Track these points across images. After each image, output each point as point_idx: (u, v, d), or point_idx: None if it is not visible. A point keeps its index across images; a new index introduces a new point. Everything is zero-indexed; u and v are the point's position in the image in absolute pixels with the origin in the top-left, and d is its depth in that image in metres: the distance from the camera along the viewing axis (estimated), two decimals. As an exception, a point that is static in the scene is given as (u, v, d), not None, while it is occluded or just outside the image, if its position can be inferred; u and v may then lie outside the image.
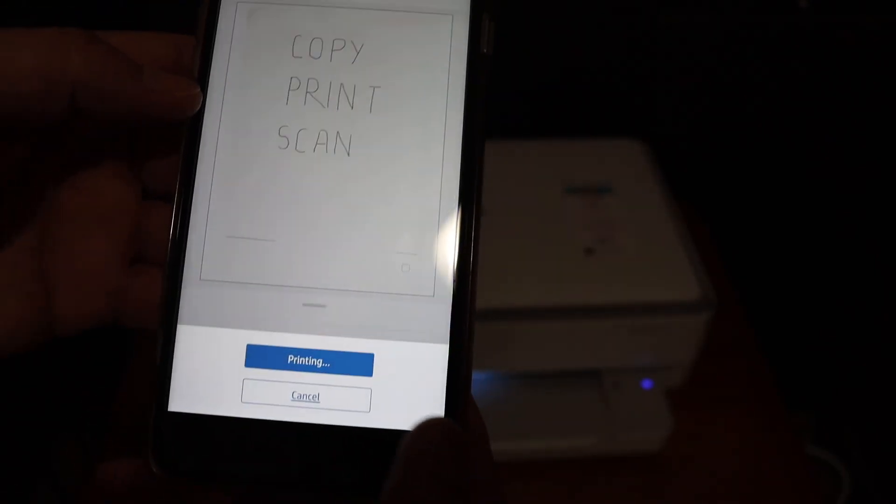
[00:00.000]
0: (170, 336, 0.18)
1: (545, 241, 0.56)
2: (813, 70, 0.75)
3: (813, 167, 0.84)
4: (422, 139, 0.20)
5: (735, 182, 0.85)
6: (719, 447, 0.57)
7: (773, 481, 0.55)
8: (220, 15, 0.20)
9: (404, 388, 0.18)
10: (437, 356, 0.18)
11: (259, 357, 0.18)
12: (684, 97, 0.78)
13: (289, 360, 0.18)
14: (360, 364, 0.18)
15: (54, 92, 0.17)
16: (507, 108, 0.78)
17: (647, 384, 0.56)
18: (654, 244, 0.56)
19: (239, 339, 0.18)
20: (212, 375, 0.18)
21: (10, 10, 0.62)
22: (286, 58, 0.20)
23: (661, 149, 0.68)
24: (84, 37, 0.18)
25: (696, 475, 0.55)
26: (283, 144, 0.19)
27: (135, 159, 0.21)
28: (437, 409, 0.18)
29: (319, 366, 0.18)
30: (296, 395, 0.18)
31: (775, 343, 0.78)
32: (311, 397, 0.18)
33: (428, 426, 0.16)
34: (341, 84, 0.20)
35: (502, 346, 0.53)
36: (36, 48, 0.17)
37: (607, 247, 0.56)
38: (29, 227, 0.19)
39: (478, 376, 0.58)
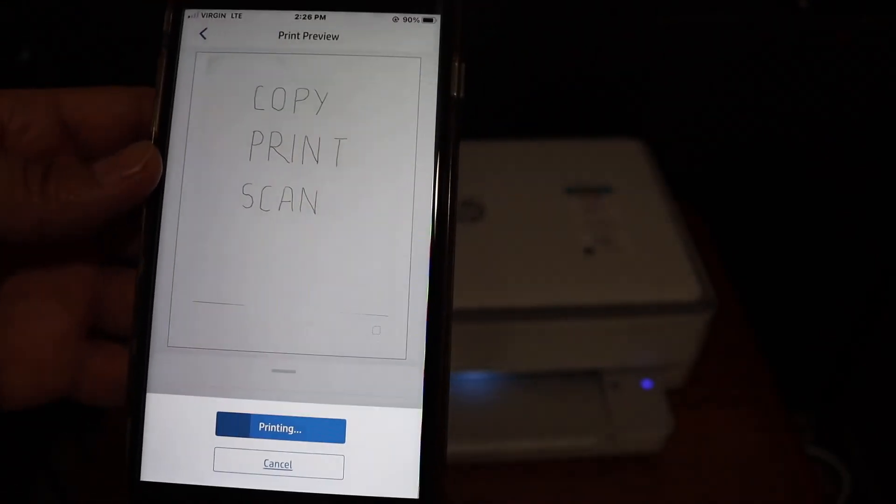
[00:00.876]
0: (139, 404, 0.18)
1: (545, 241, 0.56)
2: (813, 70, 0.75)
3: (813, 167, 0.84)
4: (391, 193, 0.18)
5: (735, 182, 0.85)
6: (719, 447, 0.57)
7: (773, 481, 0.55)
8: (179, 65, 0.19)
9: (378, 454, 0.18)
10: (410, 421, 0.18)
11: (230, 425, 0.18)
12: (684, 97, 0.78)
13: (260, 427, 0.18)
14: (332, 431, 0.18)
15: None
16: (507, 109, 0.78)
17: (647, 384, 0.56)
18: (653, 244, 0.56)
19: (209, 407, 0.18)
20: (183, 444, 0.18)
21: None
22: (248, 110, 0.19)
23: (661, 149, 0.68)
24: None
25: (696, 475, 0.55)
26: (248, 203, 0.18)
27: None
28: (412, 475, 0.18)
29: (291, 433, 0.18)
30: (268, 463, 0.18)
31: (775, 343, 0.78)
32: (283, 465, 0.18)
33: None
34: (305, 137, 0.18)
35: (502, 346, 0.53)
36: None
37: (607, 247, 0.56)
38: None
39: (478, 377, 0.58)
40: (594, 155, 0.66)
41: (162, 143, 0.18)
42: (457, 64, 0.19)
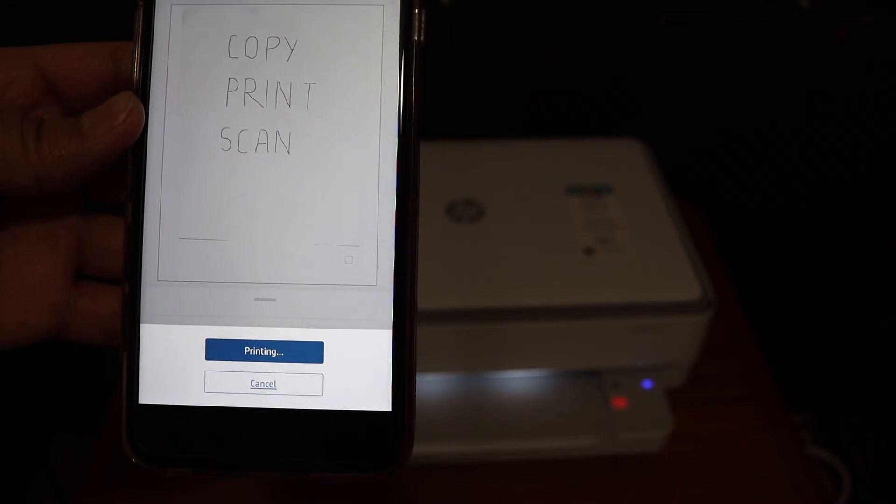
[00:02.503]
0: (134, 335, 0.20)
1: (545, 241, 0.56)
2: (813, 69, 0.75)
3: (813, 167, 0.84)
4: (358, 133, 0.20)
5: (735, 182, 0.85)
6: (719, 447, 0.57)
7: (773, 481, 0.55)
8: (155, 18, 0.20)
9: (354, 371, 0.19)
10: (382, 341, 0.19)
11: (218, 350, 0.19)
12: (684, 97, 0.78)
13: (245, 351, 0.19)
14: (311, 352, 0.19)
15: None
16: (507, 108, 0.78)
17: (647, 384, 0.56)
18: (654, 244, 0.56)
19: (198, 335, 0.20)
20: (176, 369, 0.20)
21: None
22: (223, 59, 0.20)
23: (661, 149, 0.68)
24: None
25: (696, 475, 0.55)
26: (226, 146, 0.20)
27: None
28: (384, 390, 0.19)
29: (274, 355, 0.19)
30: (254, 384, 0.19)
31: (775, 343, 0.78)
32: (268, 384, 0.19)
33: None
34: (278, 83, 0.20)
35: (502, 346, 0.53)
36: None
37: (607, 247, 0.56)
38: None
39: (478, 377, 0.58)
40: (594, 155, 0.66)
41: (143, 93, 0.20)
42: (417, 10, 0.20)
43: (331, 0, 0.20)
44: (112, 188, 0.21)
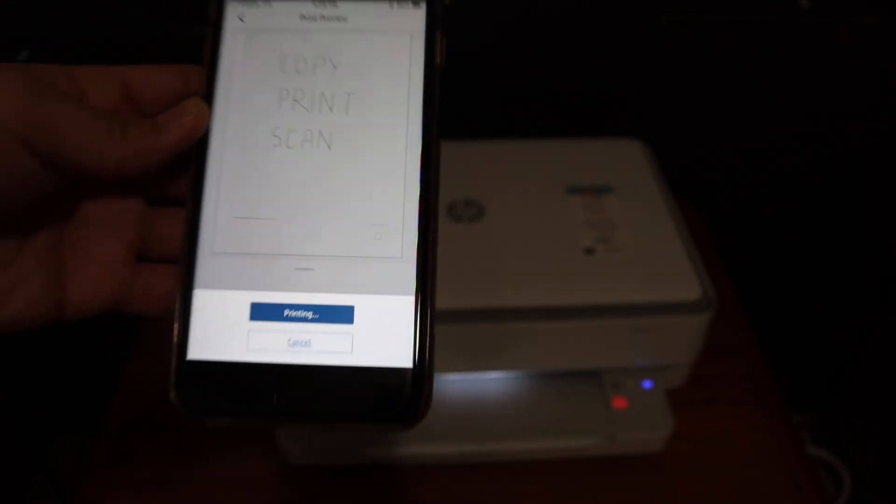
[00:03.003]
0: (188, 298, 0.22)
1: (545, 241, 0.56)
2: (813, 69, 0.75)
3: (813, 166, 0.84)
4: (389, 134, 0.23)
5: (735, 181, 0.85)
6: (720, 447, 0.57)
7: (773, 481, 0.55)
8: (222, 41, 0.24)
9: (380, 332, 0.22)
10: (406, 306, 0.22)
11: (261, 312, 0.22)
12: (684, 97, 0.78)
13: (285, 313, 0.22)
14: (343, 315, 0.22)
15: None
16: (507, 108, 0.78)
17: (647, 384, 0.56)
18: (654, 244, 0.56)
19: (244, 299, 0.22)
20: (222, 329, 0.22)
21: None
22: (277, 74, 0.24)
23: (662, 148, 0.68)
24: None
25: (696, 475, 0.55)
26: (276, 143, 0.23)
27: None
28: (407, 349, 0.22)
29: (310, 317, 0.22)
30: (291, 342, 0.22)
31: (775, 343, 0.78)
32: (304, 343, 0.22)
33: None
34: (322, 93, 0.23)
35: (502, 346, 0.53)
36: None
37: (607, 247, 0.56)
38: (50, 230, 0.23)
39: (479, 377, 0.58)
40: (594, 155, 0.66)
41: (209, 98, 0.23)
42: (439, 37, 0.25)
43: (367, 29, 0.24)
44: (168, 188, 0.25)
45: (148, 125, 0.22)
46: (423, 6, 0.25)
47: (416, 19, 0.25)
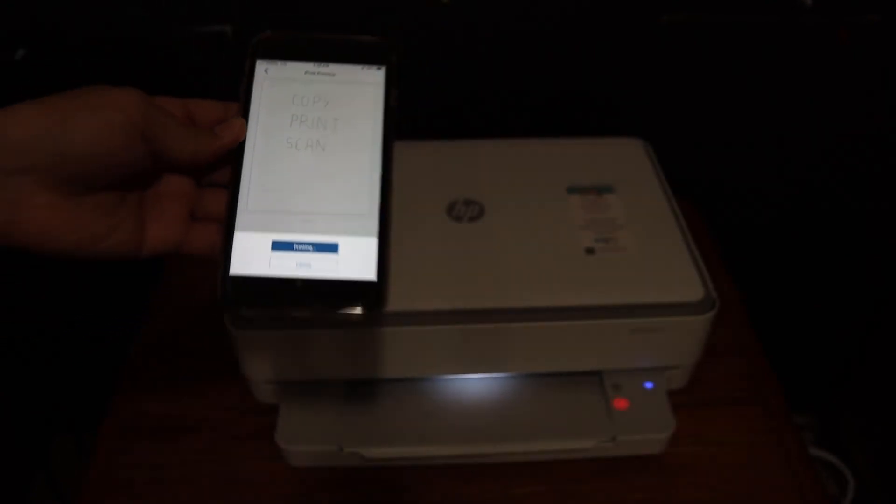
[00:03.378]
0: (230, 236, 0.33)
1: (546, 241, 0.56)
2: (814, 69, 0.75)
3: (814, 166, 0.84)
4: (360, 143, 0.36)
5: (737, 181, 0.85)
6: (721, 448, 0.56)
7: (776, 483, 0.54)
8: (253, 85, 0.36)
9: (355, 259, 0.33)
10: (371, 243, 0.34)
11: (279, 246, 0.33)
12: (686, 96, 0.78)
13: (294, 247, 0.33)
14: (331, 248, 0.33)
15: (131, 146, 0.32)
16: (507, 108, 0.78)
17: (648, 385, 0.56)
18: (656, 244, 0.56)
19: (267, 238, 0.33)
20: (252, 255, 0.33)
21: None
22: (289, 105, 0.36)
23: (663, 148, 0.68)
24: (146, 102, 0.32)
25: (698, 477, 0.55)
26: (289, 147, 0.35)
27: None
28: (372, 269, 0.33)
29: (311, 249, 0.33)
30: (298, 264, 0.33)
31: (777, 344, 0.78)
32: (306, 265, 0.33)
33: None
34: (318, 117, 0.36)
35: (503, 347, 0.53)
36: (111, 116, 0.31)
37: (609, 247, 0.55)
38: (137, 195, 0.35)
39: (479, 378, 0.57)
40: (596, 154, 0.66)
41: (245, 117, 0.35)
42: (392, 89, 0.37)
43: (349, 81, 0.37)
44: (212, 175, 0.37)
45: (210, 133, 0.34)
46: (383, 69, 0.37)
47: (378, 76, 0.37)
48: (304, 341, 0.52)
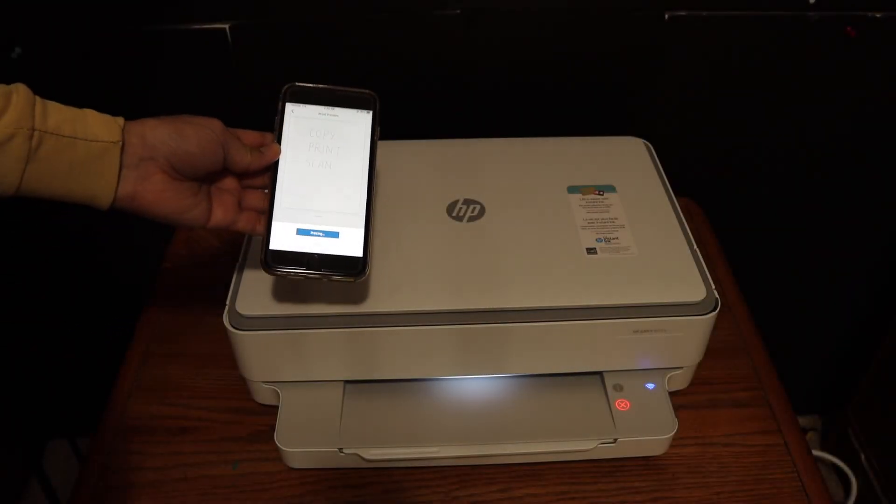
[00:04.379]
0: (269, 224, 0.47)
1: (547, 241, 0.56)
2: (819, 66, 0.75)
3: (817, 166, 0.84)
4: (355, 165, 0.50)
5: (739, 180, 0.85)
6: (724, 450, 0.56)
7: (780, 485, 0.54)
8: (283, 121, 0.49)
9: (349, 242, 0.48)
10: (360, 232, 0.48)
11: (301, 231, 0.47)
12: (687, 95, 0.77)
13: (311, 233, 0.47)
14: (335, 234, 0.48)
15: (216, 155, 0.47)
16: (508, 108, 0.78)
17: (650, 386, 0.56)
18: (657, 244, 0.56)
19: (294, 226, 0.47)
20: (285, 235, 0.47)
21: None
22: (307, 135, 0.50)
23: (664, 147, 0.68)
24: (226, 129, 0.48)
25: (699, 478, 0.54)
26: (308, 165, 0.49)
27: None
28: (360, 248, 0.47)
29: (321, 235, 0.47)
30: (313, 244, 0.47)
31: (781, 344, 0.77)
32: (318, 244, 0.47)
33: None
34: (327, 145, 0.50)
35: (503, 347, 0.52)
36: (212, 135, 0.46)
37: (610, 246, 0.55)
38: (208, 186, 0.48)
39: (480, 378, 0.57)
40: (596, 153, 0.66)
41: (279, 142, 0.49)
42: (377, 128, 0.50)
43: (348, 121, 0.50)
44: (254, 181, 0.50)
45: (258, 152, 0.49)
46: (371, 112, 0.51)
47: (367, 117, 0.51)
48: (304, 341, 0.52)
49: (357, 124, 0.50)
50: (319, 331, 0.51)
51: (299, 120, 0.49)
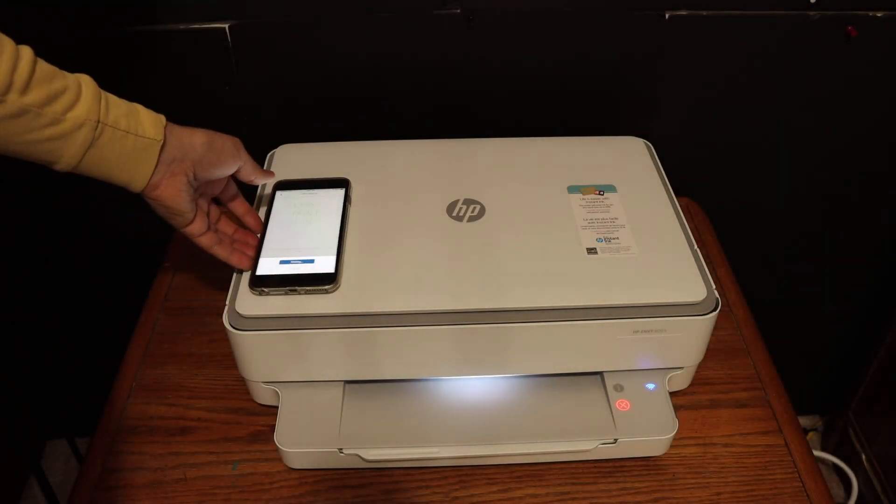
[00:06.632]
0: (257, 258, 0.55)
1: (547, 241, 0.55)
2: (819, 65, 0.75)
3: (818, 165, 0.83)
4: (329, 220, 0.59)
5: (740, 180, 0.85)
6: (725, 450, 0.56)
7: (781, 485, 0.54)
8: (274, 201, 0.61)
9: (322, 264, 0.54)
10: (331, 257, 0.55)
11: (285, 262, 0.55)
12: (688, 94, 0.77)
13: (291, 262, 0.55)
14: (311, 261, 0.55)
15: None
16: (509, 107, 0.77)
17: (651, 386, 0.55)
18: (658, 244, 0.56)
19: (278, 259, 0.55)
20: (271, 265, 0.55)
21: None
22: (292, 204, 0.61)
23: (665, 147, 0.67)
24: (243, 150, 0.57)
25: (700, 479, 0.54)
26: (293, 221, 0.59)
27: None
28: (332, 265, 0.54)
29: (301, 262, 0.55)
30: (296, 269, 0.54)
31: (781, 345, 0.77)
32: (300, 269, 0.54)
33: None
34: (308, 210, 0.60)
35: (503, 347, 0.52)
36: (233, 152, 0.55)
37: (610, 246, 0.55)
38: (208, 197, 0.57)
39: (480, 379, 0.57)
40: (597, 153, 0.65)
41: (269, 213, 0.61)
42: (347, 200, 0.61)
43: (323, 196, 0.61)
44: (228, 206, 0.60)
45: (270, 173, 0.60)
46: (343, 190, 0.61)
47: (340, 193, 0.61)
48: (304, 341, 0.52)
49: (333, 197, 0.61)
50: (319, 331, 0.51)
51: (287, 199, 0.61)
